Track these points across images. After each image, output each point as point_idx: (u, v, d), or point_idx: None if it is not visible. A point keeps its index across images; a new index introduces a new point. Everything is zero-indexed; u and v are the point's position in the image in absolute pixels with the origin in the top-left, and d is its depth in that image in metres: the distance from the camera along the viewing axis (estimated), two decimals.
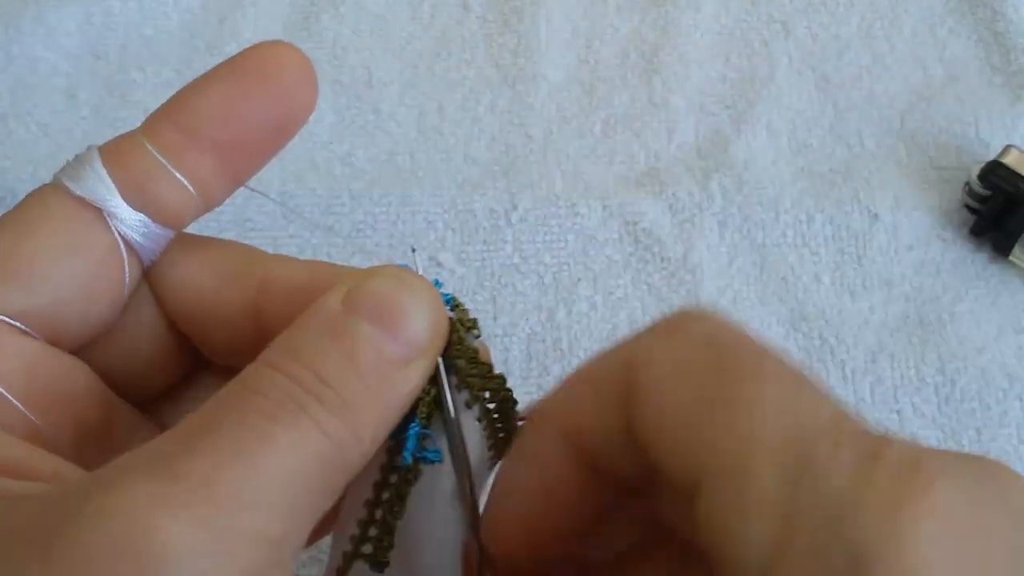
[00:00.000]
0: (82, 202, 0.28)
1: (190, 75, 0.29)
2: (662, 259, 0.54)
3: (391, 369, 0.25)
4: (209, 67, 0.29)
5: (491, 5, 0.64)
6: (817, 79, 0.61)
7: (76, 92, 0.60)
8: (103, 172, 0.28)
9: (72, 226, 0.28)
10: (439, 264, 0.55)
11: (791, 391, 0.22)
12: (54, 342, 0.29)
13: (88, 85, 0.61)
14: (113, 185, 0.28)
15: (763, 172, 0.57)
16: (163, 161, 0.28)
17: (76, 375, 0.30)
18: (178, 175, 0.28)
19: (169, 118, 0.29)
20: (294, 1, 0.64)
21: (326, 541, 0.46)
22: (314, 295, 0.27)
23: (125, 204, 0.28)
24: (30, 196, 0.28)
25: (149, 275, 0.31)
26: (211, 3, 0.64)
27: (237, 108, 0.28)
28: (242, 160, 0.29)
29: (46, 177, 0.29)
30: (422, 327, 0.26)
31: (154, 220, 0.28)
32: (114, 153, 0.28)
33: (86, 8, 0.63)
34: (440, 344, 0.27)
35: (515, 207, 0.56)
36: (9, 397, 0.27)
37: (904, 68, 0.62)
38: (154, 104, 0.28)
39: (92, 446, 0.29)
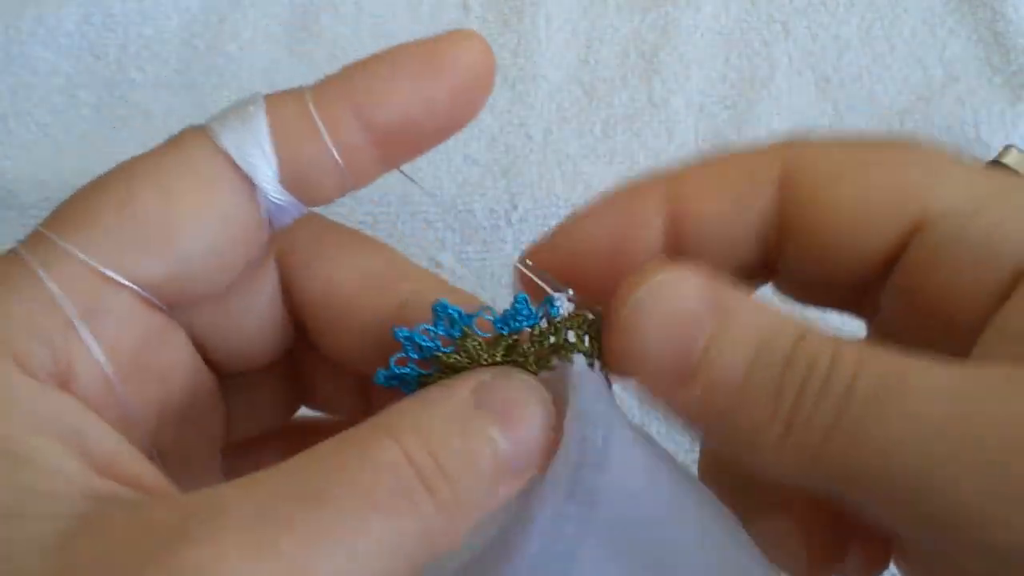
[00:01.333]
0: (234, 167, 0.26)
1: (190, 75, 0.28)
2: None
3: (502, 476, 0.24)
4: (209, 67, 0.28)
5: (491, 5, 0.64)
6: (817, 79, 0.61)
7: (76, 92, 0.60)
8: (269, 148, 0.26)
9: (225, 198, 0.26)
10: (438, 264, 0.55)
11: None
12: (170, 305, 0.27)
13: (88, 85, 0.61)
14: (275, 162, 0.26)
15: None
16: (329, 144, 0.26)
17: (179, 349, 0.29)
18: (339, 159, 0.26)
19: (344, 91, 0.27)
20: (294, 1, 0.64)
21: None
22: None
23: (279, 185, 0.26)
24: (177, 143, 0.26)
25: (285, 261, 0.30)
26: (211, 3, 0.64)
27: (415, 96, 0.27)
28: (403, 147, 0.28)
29: (46, 176, 0.28)
30: (538, 437, 0.25)
31: (299, 198, 0.27)
32: (281, 125, 0.26)
33: (86, 8, 0.63)
34: (546, 459, 0.25)
35: (515, 207, 0.56)
36: (115, 381, 0.25)
37: (904, 68, 0.62)
38: (154, 104, 0.28)
39: (173, 418, 0.29)
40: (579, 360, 0.26)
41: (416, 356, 0.27)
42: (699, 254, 0.28)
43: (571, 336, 0.27)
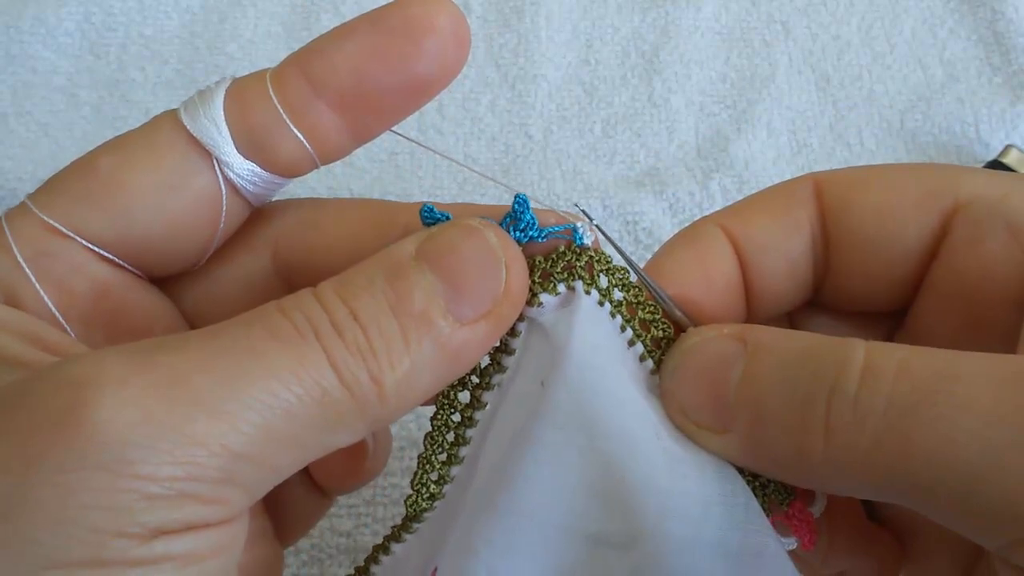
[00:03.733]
0: (195, 140, 0.27)
1: (190, 75, 0.29)
2: None
3: (442, 324, 0.23)
4: (209, 67, 0.28)
5: (491, 5, 0.64)
6: (817, 79, 0.61)
7: (76, 91, 0.60)
8: (221, 117, 0.27)
9: (179, 164, 0.27)
10: None
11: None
12: (141, 268, 0.28)
13: (88, 84, 0.61)
14: (228, 132, 0.27)
15: (763, 172, 0.57)
16: (284, 116, 0.27)
17: (155, 307, 0.29)
18: (296, 131, 0.27)
19: (301, 66, 0.27)
20: (294, 1, 0.64)
21: (329, 539, 0.46)
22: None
23: (236, 153, 0.27)
24: (149, 122, 0.28)
25: (273, 232, 0.30)
26: (211, 3, 0.64)
27: (374, 66, 0.27)
28: (370, 119, 0.28)
29: (46, 176, 0.28)
30: (493, 289, 0.24)
31: (266, 170, 0.28)
32: (238, 97, 0.27)
33: (86, 8, 0.63)
34: (513, 311, 0.25)
35: None
36: (56, 313, 0.27)
37: (904, 68, 0.62)
38: (154, 104, 0.28)
39: None
40: (589, 295, 0.26)
41: None
42: (762, 275, 0.29)
43: (561, 264, 0.26)
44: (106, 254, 0.27)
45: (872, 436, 0.22)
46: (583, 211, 0.27)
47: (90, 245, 0.27)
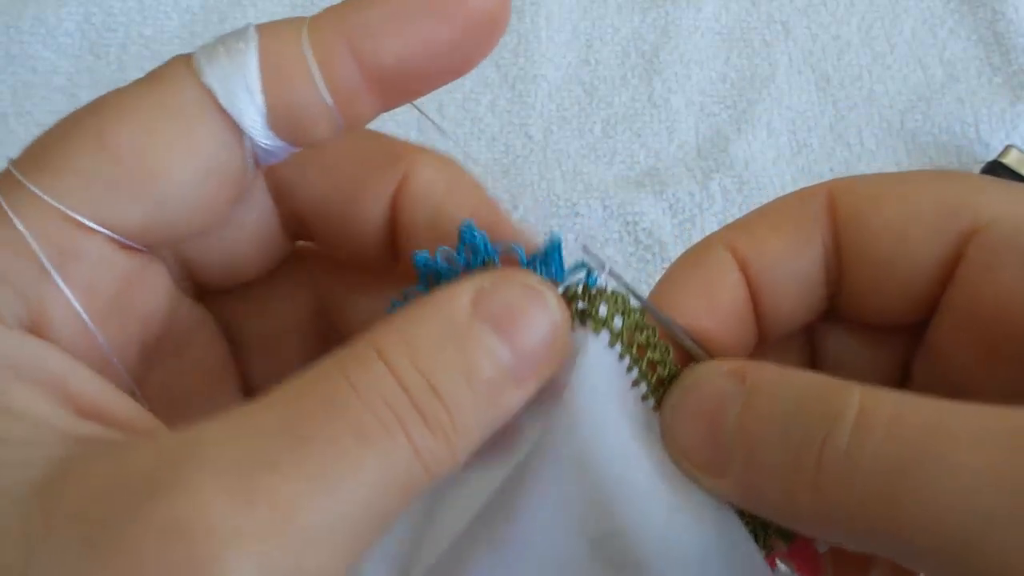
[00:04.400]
0: (219, 107, 0.24)
1: None
2: (662, 259, 0.54)
3: (505, 387, 0.23)
4: None
5: None
6: (817, 79, 0.61)
7: (76, 92, 0.60)
8: (258, 91, 0.24)
9: (211, 142, 0.24)
10: None
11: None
12: (147, 245, 0.26)
13: (88, 85, 0.61)
14: (263, 105, 0.24)
15: (763, 172, 0.57)
16: (322, 87, 0.24)
17: (158, 285, 0.28)
18: (330, 102, 0.25)
19: (340, 29, 0.25)
20: (294, 1, 0.64)
21: None
22: (449, 210, 0.26)
23: (270, 133, 0.25)
24: (159, 77, 0.25)
25: (270, 172, 0.29)
26: (211, 3, 0.64)
27: (424, 56, 0.25)
28: (400, 89, 0.26)
29: None
30: (545, 343, 0.24)
31: (290, 143, 0.26)
32: (275, 67, 0.24)
33: (86, 8, 0.63)
34: (556, 364, 0.25)
35: (515, 207, 0.56)
36: (90, 325, 0.24)
37: (904, 68, 0.62)
38: None
39: (155, 349, 0.28)
40: (601, 335, 0.26)
41: (426, 288, 0.26)
42: (772, 295, 0.28)
43: (603, 310, 0.26)
44: (129, 243, 0.25)
45: (861, 494, 0.22)
46: (591, 252, 0.27)
47: (118, 236, 0.24)
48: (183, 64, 0.25)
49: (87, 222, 0.24)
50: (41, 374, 0.22)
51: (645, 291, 0.51)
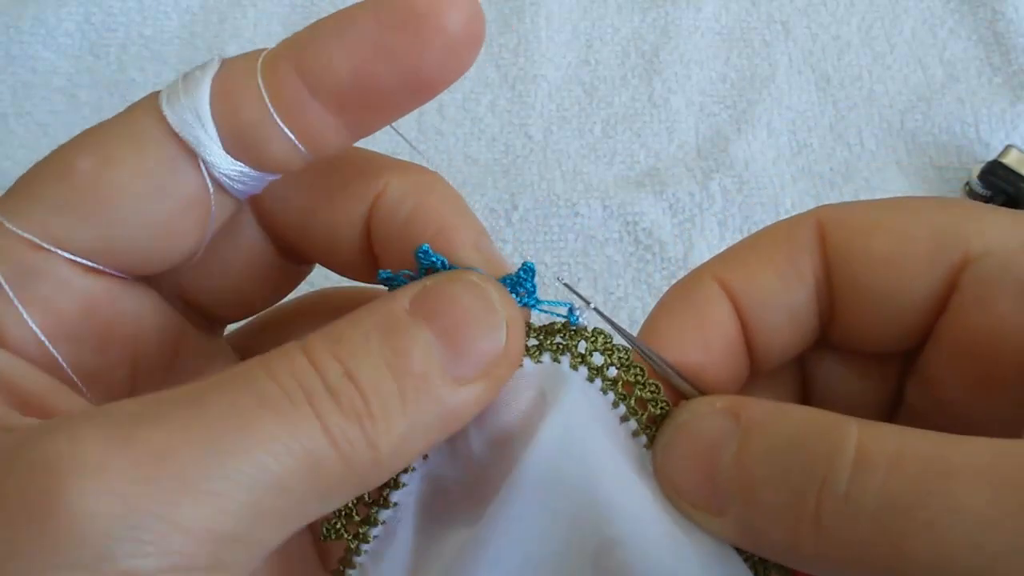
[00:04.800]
0: (175, 135, 0.24)
1: None
2: (662, 259, 0.54)
3: (440, 385, 0.22)
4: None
5: (491, 5, 0.64)
6: (817, 79, 0.61)
7: (76, 92, 0.60)
8: (207, 113, 0.24)
9: (163, 164, 0.25)
10: None
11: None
12: (127, 272, 0.26)
13: (88, 85, 0.61)
14: (214, 131, 0.24)
15: (763, 172, 0.57)
16: (275, 116, 0.24)
17: (142, 309, 0.28)
18: (288, 132, 0.24)
19: (295, 60, 0.24)
20: (294, 1, 0.64)
21: None
22: (415, 229, 0.25)
23: (223, 153, 0.25)
24: (129, 111, 0.25)
25: (259, 206, 0.29)
26: (211, 3, 0.64)
27: (376, 65, 0.24)
28: (368, 118, 0.25)
29: None
30: (492, 349, 0.23)
31: (254, 168, 0.25)
32: (225, 91, 0.24)
33: (86, 8, 0.63)
34: (509, 373, 0.24)
35: (515, 207, 0.56)
36: (46, 343, 0.25)
37: (904, 68, 0.62)
38: None
39: (151, 378, 0.28)
40: (580, 371, 0.26)
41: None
42: (764, 328, 0.28)
43: (582, 346, 0.26)
44: (93, 265, 0.26)
45: (864, 535, 0.21)
46: (574, 290, 0.26)
47: (76, 258, 0.25)
48: (149, 99, 0.25)
49: (41, 243, 0.25)
50: None
51: (645, 291, 0.51)
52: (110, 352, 0.27)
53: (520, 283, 0.25)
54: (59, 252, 0.25)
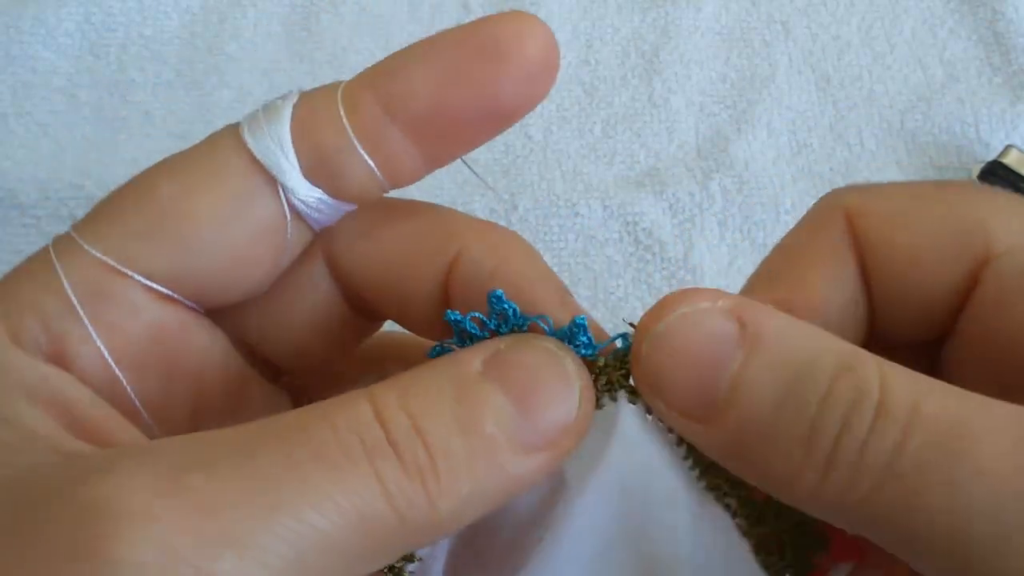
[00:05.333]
0: (256, 162, 0.25)
1: (190, 75, 0.28)
2: (662, 259, 0.54)
3: (508, 450, 0.22)
4: (209, 67, 0.27)
5: (491, 5, 0.64)
6: (817, 79, 0.61)
7: (76, 92, 0.60)
8: (288, 139, 0.25)
9: (244, 191, 0.25)
10: None
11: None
12: (199, 302, 0.26)
13: (88, 85, 0.61)
14: (295, 158, 0.25)
15: (763, 172, 0.57)
16: (355, 142, 0.25)
17: (210, 346, 0.27)
18: (368, 159, 0.25)
19: (375, 88, 0.25)
20: (294, 1, 0.64)
21: None
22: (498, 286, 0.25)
23: (303, 179, 0.25)
24: (211, 139, 0.26)
25: (327, 248, 0.28)
26: (211, 3, 0.64)
27: (455, 93, 0.24)
28: (446, 146, 0.26)
29: (46, 176, 0.28)
30: (564, 420, 0.23)
31: (332, 196, 0.26)
32: (306, 118, 0.25)
33: (86, 8, 0.63)
34: (575, 445, 0.23)
35: (515, 207, 0.56)
36: (112, 365, 0.25)
37: (904, 68, 0.62)
38: (154, 104, 0.28)
39: (212, 418, 0.28)
40: (621, 399, 0.25)
41: (462, 343, 0.25)
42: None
43: (603, 379, 0.25)
44: (166, 291, 0.25)
45: (873, 485, 0.20)
46: (629, 323, 0.25)
47: (150, 283, 0.25)
48: (231, 128, 0.26)
49: (117, 265, 0.25)
50: (46, 394, 0.23)
51: (645, 291, 0.51)
52: (174, 384, 0.26)
53: (575, 336, 0.25)
54: (133, 275, 0.25)
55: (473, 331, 0.25)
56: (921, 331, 0.27)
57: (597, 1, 0.65)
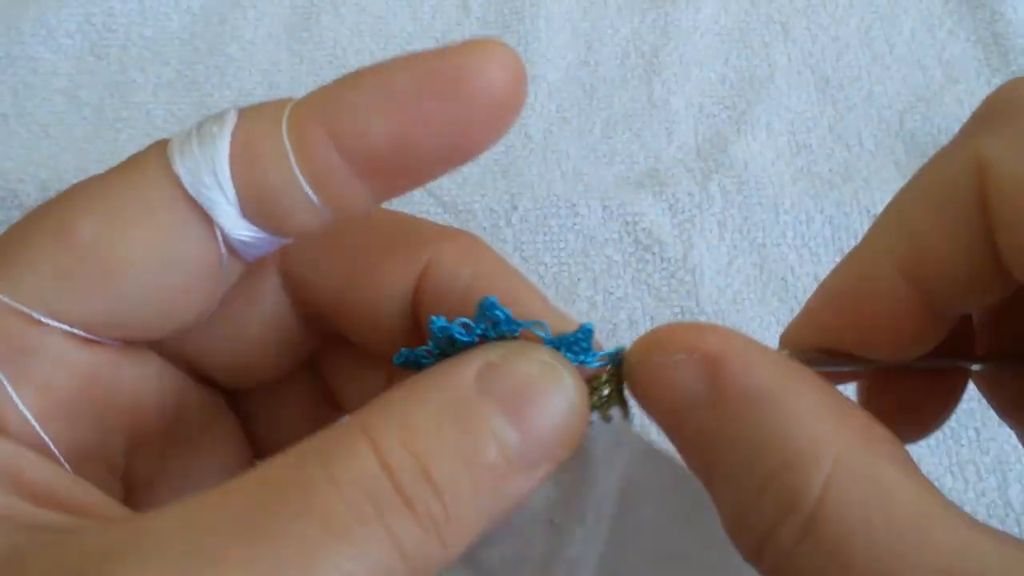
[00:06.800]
0: (188, 196, 0.22)
1: (191, 76, 0.27)
2: (662, 259, 0.54)
3: (511, 475, 0.21)
4: (210, 68, 0.26)
5: (491, 5, 0.64)
6: (817, 79, 0.62)
7: (77, 93, 0.61)
8: (225, 174, 0.22)
9: (174, 229, 0.23)
10: None
11: None
12: (127, 340, 0.25)
13: (89, 86, 0.61)
14: (234, 195, 0.22)
15: (763, 172, 0.57)
16: (302, 181, 0.22)
17: (142, 375, 0.26)
18: (314, 197, 0.23)
19: (326, 121, 0.22)
20: (294, 1, 0.65)
21: None
22: (474, 298, 0.23)
23: (243, 220, 0.23)
24: (135, 164, 0.23)
25: (283, 263, 0.27)
26: (211, 3, 0.64)
27: (415, 132, 0.22)
28: (400, 183, 0.24)
29: (47, 177, 0.27)
30: (560, 427, 0.22)
31: (271, 233, 0.24)
32: (248, 154, 0.23)
33: (86, 9, 0.63)
34: (568, 454, 0.22)
35: (515, 207, 0.56)
36: (38, 429, 0.23)
37: (904, 68, 0.62)
38: (155, 105, 0.27)
39: (146, 445, 0.26)
40: (626, 419, 0.24)
41: (446, 351, 0.24)
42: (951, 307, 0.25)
43: (604, 391, 0.24)
44: (93, 337, 0.24)
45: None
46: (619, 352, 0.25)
47: (75, 331, 0.23)
48: (157, 150, 0.23)
49: (42, 318, 0.23)
50: None
51: (645, 291, 0.51)
52: (108, 423, 0.25)
53: (577, 343, 0.24)
54: (57, 325, 0.23)
55: (462, 337, 0.24)
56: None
57: (597, 2, 0.65)
